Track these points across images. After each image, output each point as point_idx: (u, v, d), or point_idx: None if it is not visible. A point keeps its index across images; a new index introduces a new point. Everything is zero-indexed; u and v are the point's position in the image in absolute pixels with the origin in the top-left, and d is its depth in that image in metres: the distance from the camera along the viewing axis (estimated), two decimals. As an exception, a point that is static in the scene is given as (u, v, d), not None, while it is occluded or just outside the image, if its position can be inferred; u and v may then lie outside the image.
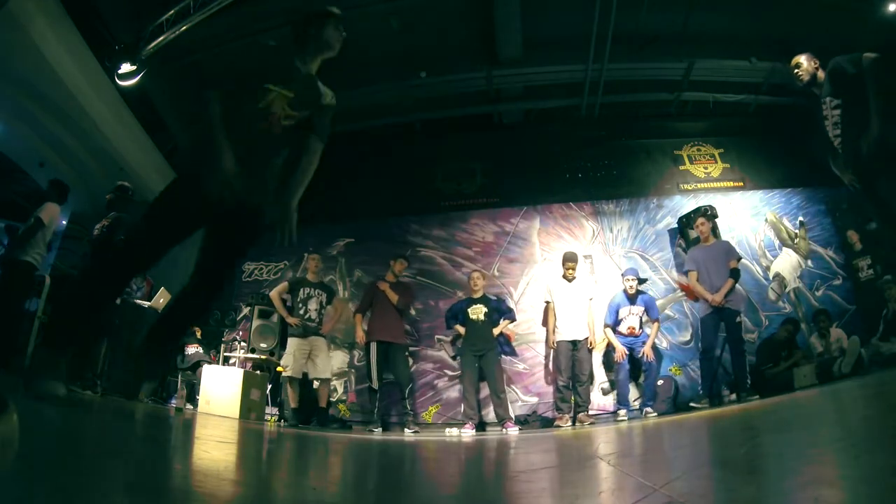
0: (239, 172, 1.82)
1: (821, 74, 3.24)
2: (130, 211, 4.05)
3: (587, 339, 4.94)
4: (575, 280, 5.14)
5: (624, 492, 1.11)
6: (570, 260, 5.18)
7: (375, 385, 4.96)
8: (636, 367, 5.07)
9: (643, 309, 5.10)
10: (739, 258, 4.81)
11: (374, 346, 5.02)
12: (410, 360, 5.81)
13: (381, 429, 4.91)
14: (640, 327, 5.06)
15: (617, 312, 5.11)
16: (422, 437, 4.43)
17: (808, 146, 3.75)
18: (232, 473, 1.40)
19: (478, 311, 5.09)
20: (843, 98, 3.10)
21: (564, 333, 4.97)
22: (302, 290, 5.14)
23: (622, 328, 5.05)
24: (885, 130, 2.82)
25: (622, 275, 5.29)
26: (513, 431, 4.57)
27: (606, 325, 5.17)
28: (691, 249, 5.30)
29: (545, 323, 5.41)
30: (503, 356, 5.29)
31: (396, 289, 5.23)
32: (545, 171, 7.05)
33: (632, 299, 5.10)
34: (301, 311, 5.05)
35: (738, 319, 4.56)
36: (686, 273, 5.01)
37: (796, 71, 3.36)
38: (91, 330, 2.84)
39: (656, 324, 5.10)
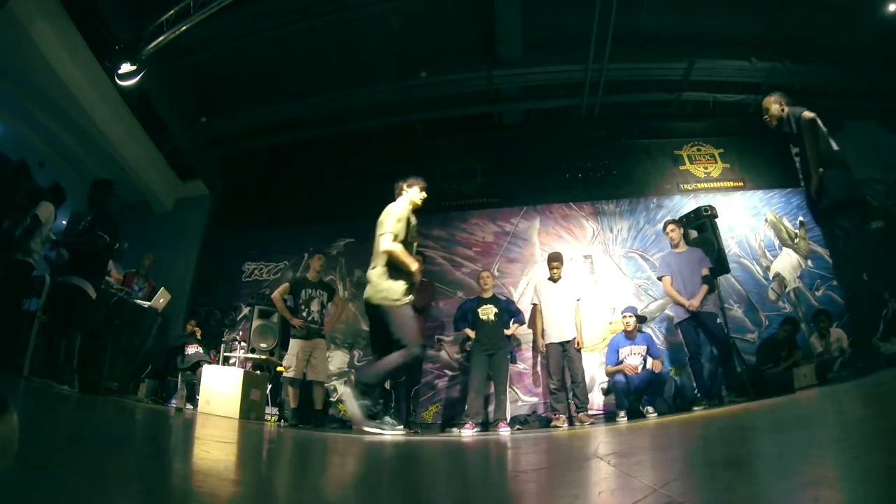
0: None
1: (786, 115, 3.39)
2: (112, 205, 4.22)
3: (575, 339, 4.85)
4: (561, 280, 5.09)
5: (624, 492, 1.12)
6: (554, 260, 5.13)
7: (388, 385, 4.92)
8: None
9: (645, 347, 4.98)
10: (711, 267, 4.79)
11: None
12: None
13: (402, 427, 4.82)
14: (644, 366, 4.89)
15: (617, 352, 5.00)
16: (422, 437, 4.43)
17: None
18: (232, 473, 1.40)
19: (488, 311, 5.04)
20: (798, 147, 3.31)
21: (552, 335, 4.92)
22: (304, 290, 5.10)
23: (624, 370, 4.84)
24: (821, 182, 3.11)
25: (621, 312, 5.21)
26: (504, 432, 4.56)
27: (607, 366, 5.05)
28: (664, 255, 5.27)
29: (531, 325, 5.39)
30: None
31: None
32: (545, 171, 7.04)
33: (631, 338, 4.99)
34: (304, 313, 5.00)
35: (718, 320, 4.54)
36: (660, 279, 4.96)
37: (765, 117, 3.49)
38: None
39: (659, 361, 4.96)
